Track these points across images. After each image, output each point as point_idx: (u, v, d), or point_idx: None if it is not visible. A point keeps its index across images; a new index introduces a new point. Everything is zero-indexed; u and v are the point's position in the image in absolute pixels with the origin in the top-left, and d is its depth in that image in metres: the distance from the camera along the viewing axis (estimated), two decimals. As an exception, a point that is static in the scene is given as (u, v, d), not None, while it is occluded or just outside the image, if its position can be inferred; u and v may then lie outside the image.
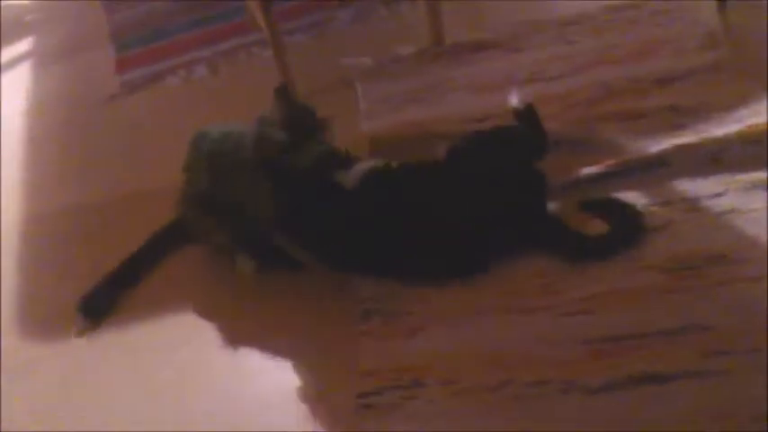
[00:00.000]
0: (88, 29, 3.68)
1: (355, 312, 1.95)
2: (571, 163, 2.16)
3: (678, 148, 2.12)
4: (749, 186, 1.99)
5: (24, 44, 3.75)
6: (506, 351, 1.77)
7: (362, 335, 1.89)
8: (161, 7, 3.66)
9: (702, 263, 1.85)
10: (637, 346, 1.70)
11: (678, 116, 2.25)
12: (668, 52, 2.50)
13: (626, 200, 2.04)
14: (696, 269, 1.84)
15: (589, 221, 2.02)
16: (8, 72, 3.55)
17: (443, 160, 2.08)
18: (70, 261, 2.39)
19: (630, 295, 1.82)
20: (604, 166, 2.12)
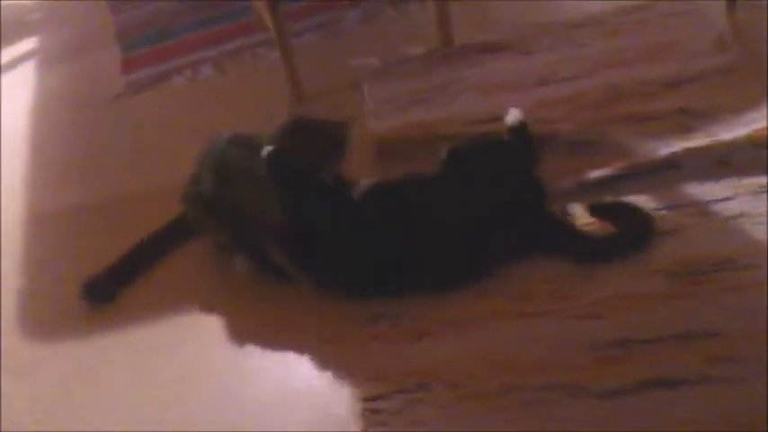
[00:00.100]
0: (93, 28, 3.67)
1: (362, 315, 1.94)
2: (580, 165, 2.15)
3: (687, 151, 2.11)
4: (758, 190, 1.98)
5: (29, 43, 3.74)
6: (514, 355, 1.76)
7: (370, 338, 1.89)
8: (167, 7, 3.65)
9: (710, 267, 1.84)
10: (645, 351, 1.69)
11: (688, 119, 2.24)
12: (678, 55, 2.49)
13: (635, 203, 2.03)
14: (704, 274, 1.83)
15: (598, 225, 2.01)
16: (13, 71, 3.54)
17: (443, 164, 2.07)
18: (73, 261, 2.38)
19: (639, 300, 1.81)
20: (613, 169, 2.12)
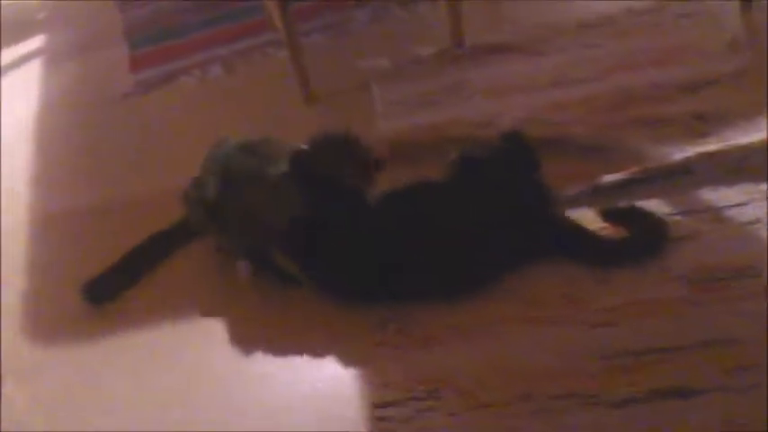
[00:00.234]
0: (101, 27, 3.67)
1: (369, 320, 1.92)
2: (592, 169, 2.13)
3: (702, 156, 2.10)
4: (772, 196, 1.97)
5: (37, 42, 3.73)
6: (524, 363, 1.74)
7: (378, 344, 1.87)
8: (175, 5, 3.65)
9: (726, 274, 1.82)
10: (660, 360, 1.67)
11: (701, 123, 2.23)
12: (691, 57, 2.48)
13: (648, 208, 2.01)
14: (720, 281, 1.81)
15: (611, 230, 1.99)
16: (20, 70, 3.53)
17: (452, 169, 2.07)
18: (77, 263, 2.35)
19: (654, 307, 1.79)
20: (626, 174, 2.10)
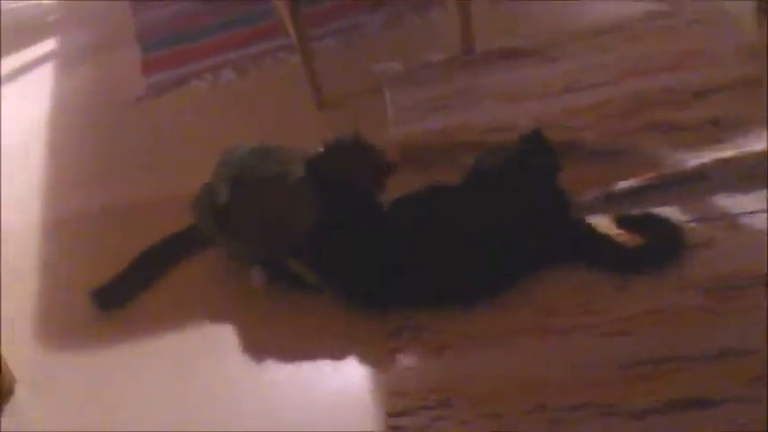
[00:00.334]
0: (114, 29, 3.66)
1: (382, 328, 1.91)
2: (607, 175, 2.12)
3: (717, 163, 2.09)
4: (788, 204, 1.95)
5: (49, 44, 3.72)
6: (539, 372, 1.72)
7: (391, 352, 1.86)
8: (188, 9, 3.63)
9: (743, 283, 1.81)
10: (677, 370, 1.66)
11: (717, 129, 2.22)
12: (706, 63, 2.47)
13: (663, 215, 2.00)
14: (737, 289, 1.80)
15: (626, 237, 1.97)
16: (33, 73, 3.52)
17: (466, 177, 2.08)
18: (90, 266, 2.35)
19: (670, 316, 1.77)
20: (641, 180, 2.09)
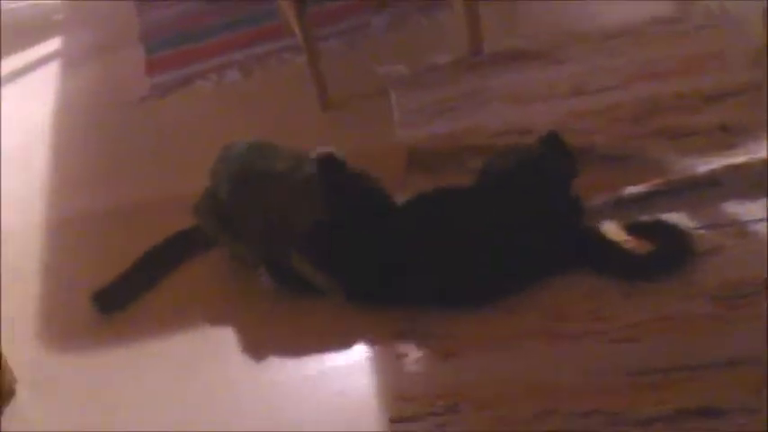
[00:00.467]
0: (119, 29, 3.65)
1: (388, 332, 1.89)
2: (616, 181, 2.11)
3: (728, 169, 2.07)
4: (798, 211, 1.94)
5: (53, 44, 3.72)
6: (547, 378, 1.70)
7: (397, 357, 1.84)
8: (192, 9, 3.62)
9: (753, 290, 1.79)
10: (686, 379, 1.64)
11: (727, 135, 2.21)
12: (716, 68, 2.46)
13: (672, 221, 1.98)
14: (746, 297, 1.78)
15: (635, 243, 1.95)
16: (38, 72, 3.51)
17: (477, 179, 2.07)
18: (93, 267, 2.33)
19: (680, 323, 1.75)
20: (650, 186, 2.07)
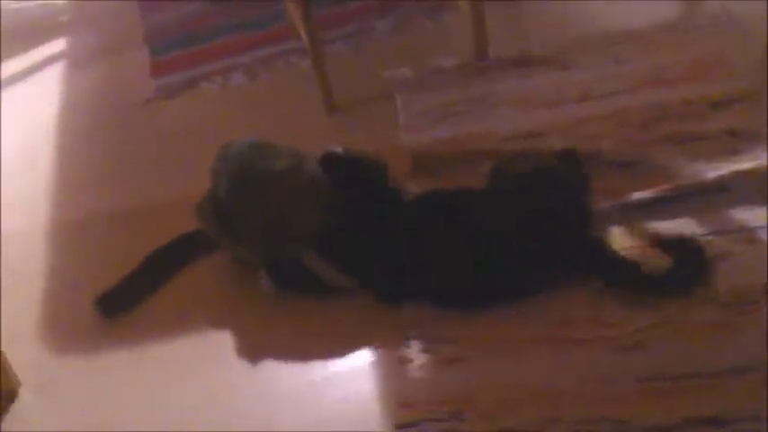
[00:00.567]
0: (125, 30, 3.64)
1: (394, 336, 1.88)
2: (623, 186, 2.09)
3: (735, 174, 2.06)
4: (806, 217, 1.92)
5: (58, 45, 3.71)
6: (554, 385, 1.69)
7: (401, 362, 1.82)
8: (198, 10, 3.61)
9: (761, 297, 1.76)
10: (694, 386, 1.62)
11: (734, 140, 2.19)
12: (723, 74, 2.44)
13: (681, 228, 1.97)
14: (754, 304, 1.76)
15: (649, 252, 1.94)
16: (43, 73, 3.50)
17: (489, 182, 2.07)
18: (97, 269, 2.32)
19: (687, 330, 1.74)
20: (658, 191, 2.06)
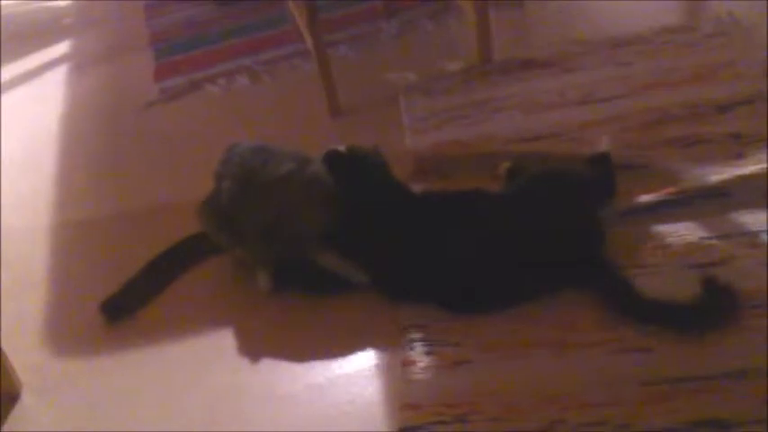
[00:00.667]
0: (127, 33, 3.66)
1: (398, 339, 1.88)
2: (625, 189, 2.09)
3: (738, 178, 2.06)
4: (808, 222, 1.92)
5: (62, 47, 3.72)
6: (558, 388, 1.68)
7: (405, 364, 1.82)
8: (202, 14, 3.62)
9: (764, 301, 1.76)
10: (697, 389, 1.62)
11: (737, 143, 2.19)
12: (726, 77, 2.45)
13: (685, 231, 1.97)
14: (756, 308, 1.75)
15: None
16: (45, 76, 3.51)
17: (505, 186, 2.09)
18: (100, 272, 2.33)
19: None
20: (661, 194, 2.06)
